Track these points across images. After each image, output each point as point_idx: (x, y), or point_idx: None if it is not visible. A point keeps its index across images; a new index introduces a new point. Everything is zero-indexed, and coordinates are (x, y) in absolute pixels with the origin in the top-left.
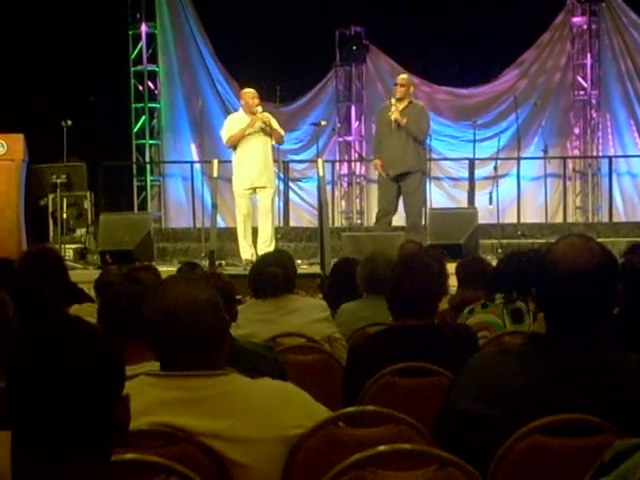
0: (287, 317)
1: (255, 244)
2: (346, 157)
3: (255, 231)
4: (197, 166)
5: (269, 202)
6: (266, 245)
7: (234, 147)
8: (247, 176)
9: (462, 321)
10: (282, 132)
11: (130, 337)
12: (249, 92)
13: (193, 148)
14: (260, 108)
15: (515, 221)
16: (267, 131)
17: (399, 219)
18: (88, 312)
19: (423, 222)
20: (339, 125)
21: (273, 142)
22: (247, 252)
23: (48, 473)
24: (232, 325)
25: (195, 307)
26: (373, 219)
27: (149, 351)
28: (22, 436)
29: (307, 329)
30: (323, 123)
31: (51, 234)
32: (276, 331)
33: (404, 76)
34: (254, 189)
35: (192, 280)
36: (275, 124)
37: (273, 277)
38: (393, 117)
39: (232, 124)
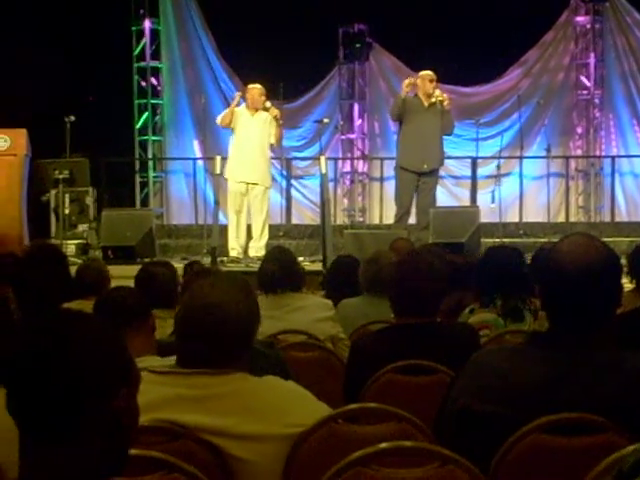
0: (291, 314)
1: (248, 241)
2: (349, 155)
3: (249, 227)
4: (199, 163)
5: (259, 200)
6: (256, 242)
7: (227, 126)
8: (240, 170)
9: (463, 320)
10: (282, 134)
11: (129, 329)
12: (257, 88)
13: (196, 145)
14: (269, 103)
15: (517, 220)
16: (267, 128)
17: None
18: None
19: None
20: (342, 123)
21: (272, 141)
22: (234, 251)
23: (50, 463)
24: None
25: (232, 305)
26: (375, 217)
27: (148, 345)
28: (25, 428)
29: (311, 328)
30: (326, 121)
31: (53, 230)
32: (280, 328)
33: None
34: (247, 184)
35: (232, 279)
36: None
37: (270, 273)
38: (440, 98)
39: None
